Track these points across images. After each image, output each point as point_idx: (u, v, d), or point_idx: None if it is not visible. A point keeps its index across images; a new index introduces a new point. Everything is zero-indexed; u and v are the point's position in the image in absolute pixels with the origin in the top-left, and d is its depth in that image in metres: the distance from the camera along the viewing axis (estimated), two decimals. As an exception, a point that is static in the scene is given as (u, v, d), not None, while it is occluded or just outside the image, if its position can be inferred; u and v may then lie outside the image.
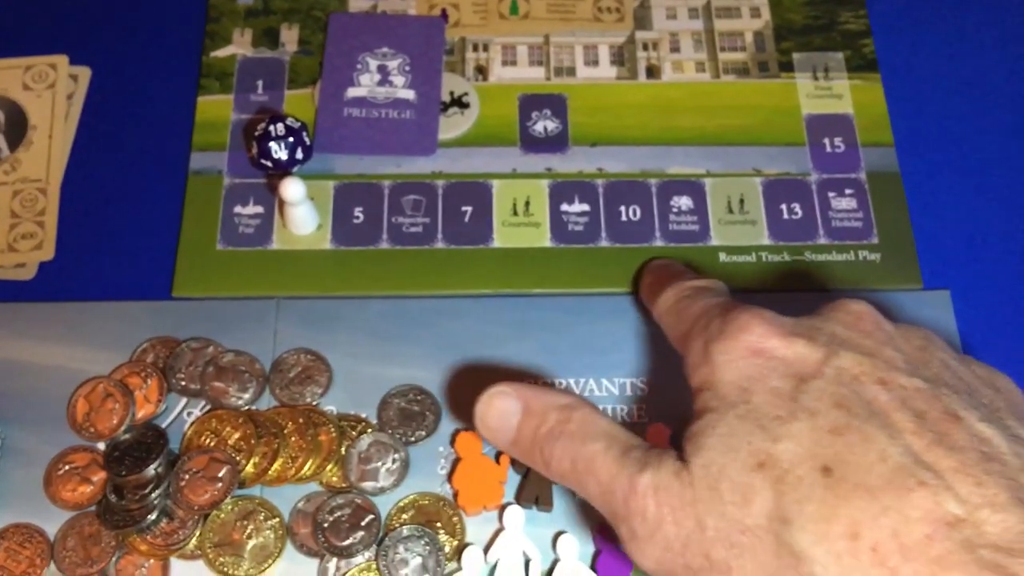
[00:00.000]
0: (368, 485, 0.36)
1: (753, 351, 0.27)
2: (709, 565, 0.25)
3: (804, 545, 0.23)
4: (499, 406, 0.30)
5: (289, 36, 0.46)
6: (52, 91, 0.44)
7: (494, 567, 0.35)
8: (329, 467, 0.36)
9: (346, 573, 0.34)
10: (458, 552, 0.35)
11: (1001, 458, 0.24)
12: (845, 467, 0.23)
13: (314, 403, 0.38)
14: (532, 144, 0.43)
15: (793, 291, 0.40)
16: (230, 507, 0.35)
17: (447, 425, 0.37)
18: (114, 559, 0.35)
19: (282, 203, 0.40)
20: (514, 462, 0.36)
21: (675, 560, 0.26)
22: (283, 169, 0.41)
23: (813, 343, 0.27)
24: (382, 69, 0.45)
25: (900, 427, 0.24)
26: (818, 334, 0.27)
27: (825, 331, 0.27)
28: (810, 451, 0.24)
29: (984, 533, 0.22)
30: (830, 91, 0.45)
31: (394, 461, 0.36)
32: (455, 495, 0.36)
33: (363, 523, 0.35)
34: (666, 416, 0.37)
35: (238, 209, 0.41)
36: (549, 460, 0.29)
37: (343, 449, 0.36)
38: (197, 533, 0.35)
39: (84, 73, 0.45)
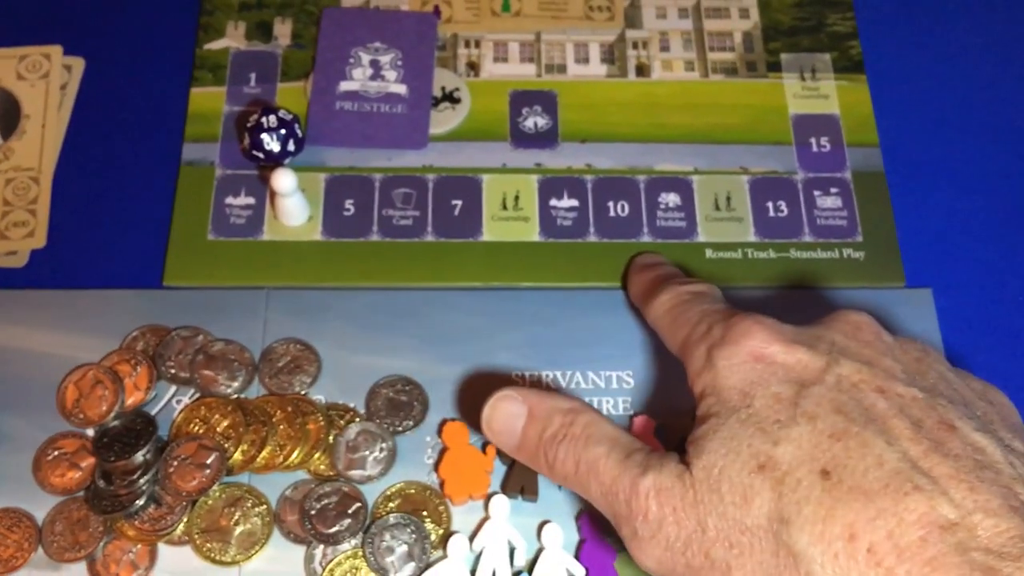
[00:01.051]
0: (355, 473, 0.36)
1: (755, 357, 0.28)
2: (710, 564, 0.26)
3: (802, 545, 0.24)
4: (505, 410, 0.31)
5: (282, 30, 0.46)
6: (46, 81, 0.44)
7: (479, 555, 0.35)
8: (317, 455, 0.36)
9: (332, 560, 0.35)
10: (444, 540, 0.35)
11: (995, 466, 0.24)
12: (843, 471, 0.24)
13: (303, 392, 0.38)
14: (522, 140, 0.44)
15: (778, 288, 0.41)
16: (218, 494, 0.36)
17: (434, 415, 0.38)
18: (102, 544, 0.35)
19: (273, 194, 0.40)
20: (500, 453, 0.36)
21: (676, 559, 0.26)
22: (275, 161, 0.41)
23: (814, 351, 0.27)
24: (374, 64, 0.45)
25: (897, 433, 0.25)
26: (819, 342, 0.28)
27: (826, 339, 0.28)
28: (810, 454, 0.25)
29: (977, 537, 0.22)
30: (817, 91, 0.45)
31: (381, 450, 0.37)
32: (441, 484, 0.36)
33: (350, 511, 0.35)
34: (651, 408, 0.38)
35: (229, 200, 0.42)
36: (553, 463, 0.30)
37: (331, 438, 0.37)
38: (185, 519, 0.35)
39: (78, 63, 0.45)
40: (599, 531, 0.35)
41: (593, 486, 0.29)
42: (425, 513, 0.36)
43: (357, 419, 0.37)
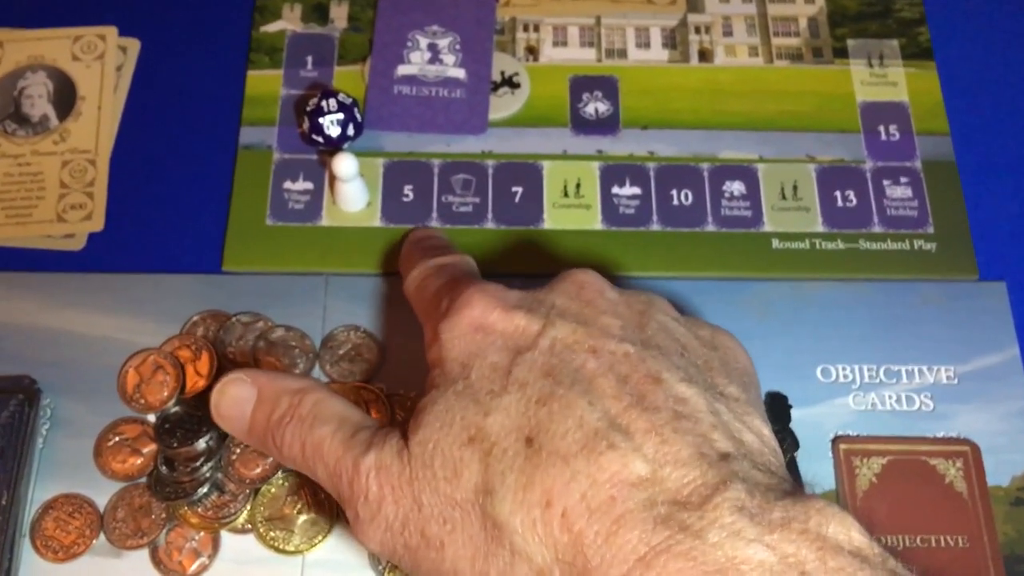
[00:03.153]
0: (419, 463, 0.35)
1: (475, 327, 0.27)
2: (426, 543, 0.25)
3: (505, 516, 0.23)
4: (233, 393, 0.30)
5: (339, 12, 0.45)
6: (101, 62, 0.44)
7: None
8: (379, 444, 0.36)
9: (397, 551, 0.34)
10: (509, 532, 0.34)
11: (695, 416, 0.24)
12: (545, 436, 0.24)
13: (364, 380, 0.37)
14: (583, 126, 0.43)
15: (847, 280, 0.40)
16: (281, 482, 0.35)
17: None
18: (164, 531, 0.35)
19: (333, 179, 0.40)
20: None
21: (395, 540, 0.26)
22: (334, 145, 0.41)
23: (532, 315, 0.27)
24: (432, 47, 0.44)
25: (601, 392, 0.25)
26: (539, 306, 0.28)
27: (546, 302, 0.28)
28: (516, 423, 0.25)
29: (666, 489, 0.22)
30: (885, 78, 0.44)
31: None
32: (506, 475, 0.35)
33: (414, 501, 0.35)
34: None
35: (288, 185, 0.41)
36: (281, 446, 0.29)
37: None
38: (248, 507, 0.35)
39: (133, 45, 0.45)
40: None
41: (319, 468, 0.28)
42: (489, 504, 0.35)
43: (419, 408, 0.37)
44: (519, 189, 0.41)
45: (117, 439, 0.36)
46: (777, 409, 0.37)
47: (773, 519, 0.22)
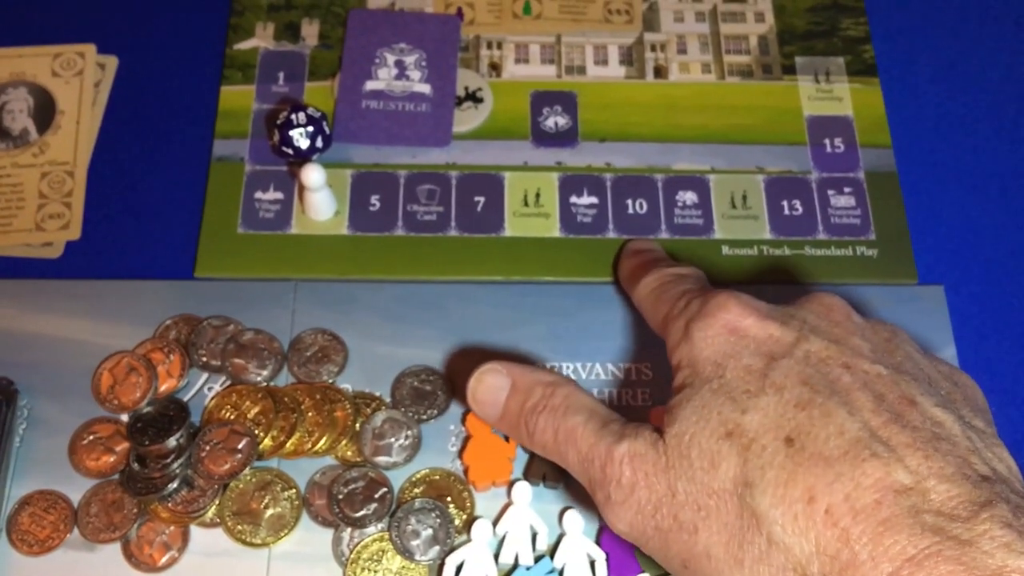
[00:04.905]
0: (381, 460, 0.37)
1: (729, 329, 0.29)
2: (678, 526, 0.27)
3: (764, 507, 0.25)
4: (489, 382, 0.33)
5: (309, 31, 0.47)
6: (80, 78, 0.46)
7: (502, 539, 0.36)
8: (344, 442, 0.37)
9: (360, 543, 0.36)
10: (468, 525, 0.36)
11: (952, 439, 0.25)
12: (806, 438, 0.25)
13: (330, 381, 0.39)
14: (543, 138, 0.45)
15: (793, 285, 0.42)
16: (248, 478, 0.37)
17: (458, 404, 0.39)
18: (135, 525, 0.36)
19: (302, 189, 0.41)
20: (522, 441, 0.37)
21: (646, 522, 0.28)
22: (303, 157, 0.42)
23: (786, 326, 0.29)
24: (399, 64, 0.46)
25: (859, 405, 0.26)
26: (791, 319, 0.29)
27: (798, 317, 0.29)
28: (775, 422, 0.26)
29: (929, 500, 0.24)
30: (831, 94, 0.46)
31: (407, 438, 0.38)
32: (465, 471, 0.37)
33: (376, 495, 0.36)
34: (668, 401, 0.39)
35: (259, 195, 0.43)
36: (533, 432, 0.31)
37: (358, 425, 0.38)
38: (216, 502, 0.36)
39: (111, 62, 0.46)
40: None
41: (571, 453, 0.30)
42: (449, 499, 0.37)
43: (383, 407, 0.38)
44: (481, 199, 0.43)
45: (91, 438, 0.37)
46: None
47: None
